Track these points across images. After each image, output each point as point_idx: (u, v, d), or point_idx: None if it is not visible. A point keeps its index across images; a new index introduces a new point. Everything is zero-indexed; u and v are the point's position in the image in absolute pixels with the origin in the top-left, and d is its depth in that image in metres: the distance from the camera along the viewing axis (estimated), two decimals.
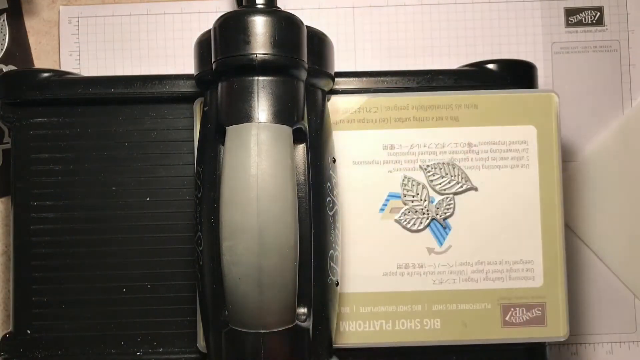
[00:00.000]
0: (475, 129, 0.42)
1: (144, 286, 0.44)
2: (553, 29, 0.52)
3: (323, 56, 0.40)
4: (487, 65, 0.45)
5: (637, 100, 0.51)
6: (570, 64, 0.51)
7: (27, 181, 0.44)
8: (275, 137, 0.35)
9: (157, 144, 0.44)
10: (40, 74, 0.44)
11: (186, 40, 0.52)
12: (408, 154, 0.42)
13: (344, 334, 0.42)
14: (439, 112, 0.43)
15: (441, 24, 0.52)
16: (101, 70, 0.52)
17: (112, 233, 0.44)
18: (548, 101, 0.43)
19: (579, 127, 0.51)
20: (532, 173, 0.42)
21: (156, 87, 0.44)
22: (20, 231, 0.44)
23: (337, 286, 0.40)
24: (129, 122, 0.44)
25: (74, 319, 0.44)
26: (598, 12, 0.52)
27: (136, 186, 0.44)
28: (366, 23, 0.52)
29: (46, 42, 0.52)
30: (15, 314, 0.44)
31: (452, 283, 0.42)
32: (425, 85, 0.44)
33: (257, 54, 0.36)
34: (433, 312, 0.42)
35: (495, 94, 0.43)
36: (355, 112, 0.43)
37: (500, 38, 0.51)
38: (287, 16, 0.38)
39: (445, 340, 0.42)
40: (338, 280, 0.40)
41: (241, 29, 0.37)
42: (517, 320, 0.42)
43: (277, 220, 0.34)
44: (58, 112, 0.44)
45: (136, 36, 0.52)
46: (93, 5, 0.52)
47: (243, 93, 0.36)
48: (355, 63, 0.52)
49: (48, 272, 0.44)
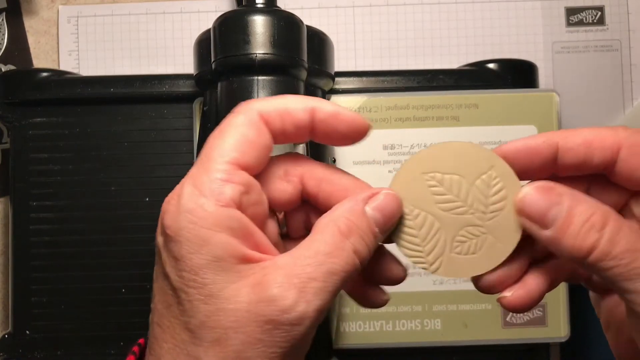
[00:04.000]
0: (475, 129, 0.42)
1: (143, 286, 0.43)
2: (554, 29, 0.51)
3: (323, 56, 0.40)
4: (487, 65, 0.45)
5: (637, 99, 0.51)
6: (571, 64, 0.51)
7: (26, 181, 0.44)
8: None
9: (157, 144, 0.44)
10: (39, 74, 0.44)
11: (186, 40, 0.51)
12: (408, 154, 0.42)
13: (344, 334, 0.42)
14: (439, 111, 0.42)
15: (441, 24, 0.52)
16: (100, 69, 0.51)
17: (112, 233, 0.43)
18: (549, 101, 0.42)
19: (579, 126, 0.51)
20: None
21: (155, 86, 0.44)
22: (19, 231, 0.44)
23: None
24: (128, 122, 0.44)
25: (73, 319, 0.43)
26: (599, 11, 0.51)
27: (135, 186, 0.44)
28: (366, 23, 0.52)
29: (45, 41, 0.52)
30: (14, 314, 0.44)
31: (453, 283, 0.42)
32: (426, 85, 0.44)
33: (257, 53, 0.36)
34: (434, 313, 0.42)
35: (496, 94, 0.43)
36: (355, 112, 0.42)
37: (501, 38, 0.51)
38: (287, 16, 0.38)
39: (446, 341, 0.42)
40: None
41: (241, 29, 0.37)
42: (518, 320, 0.42)
43: None
44: (57, 112, 0.44)
45: (135, 36, 0.51)
46: (92, 5, 0.52)
47: (243, 93, 0.36)
48: (355, 63, 0.51)
49: (47, 272, 0.43)
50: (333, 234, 0.23)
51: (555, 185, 0.24)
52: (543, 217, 0.24)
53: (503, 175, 0.25)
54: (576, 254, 0.23)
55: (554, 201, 0.24)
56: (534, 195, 0.24)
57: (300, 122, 0.25)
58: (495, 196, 0.25)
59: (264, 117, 0.25)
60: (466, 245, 0.25)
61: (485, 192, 0.25)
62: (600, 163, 0.24)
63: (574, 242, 0.23)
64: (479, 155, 0.25)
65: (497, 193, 0.25)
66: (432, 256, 0.25)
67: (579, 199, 0.23)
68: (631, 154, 0.24)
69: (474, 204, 0.25)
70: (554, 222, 0.23)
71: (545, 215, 0.23)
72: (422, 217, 0.25)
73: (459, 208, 0.25)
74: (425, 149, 0.25)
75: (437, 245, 0.25)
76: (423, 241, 0.25)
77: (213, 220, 0.23)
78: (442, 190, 0.25)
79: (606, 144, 0.24)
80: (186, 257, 0.23)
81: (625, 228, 0.23)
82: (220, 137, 0.24)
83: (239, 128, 0.24)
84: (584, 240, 0.23)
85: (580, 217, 0.23)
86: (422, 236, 0.25)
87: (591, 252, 0.23)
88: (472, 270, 0.25)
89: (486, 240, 0.25)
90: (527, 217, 0.24)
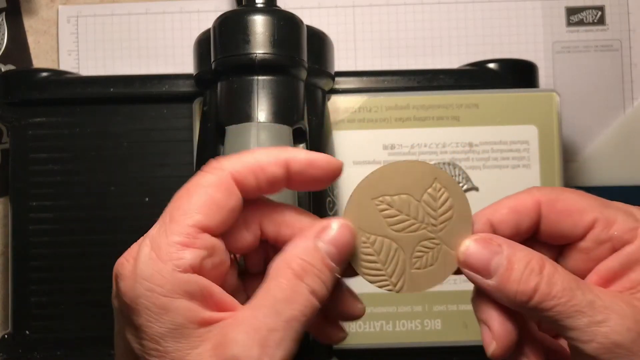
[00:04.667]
0: (476, 129, 0.42)
1: None
2: (554, 29, 0.51)
3: (323, 56, 0.40)
4: (488, 65, 0.45)
5: (638, 100, 0.51)
6: (572, 64, 0.51)
7: (26, 181, 0.44)
8: (275, 136, 0.35)
9: (157, 144, 0.44)
10: (39, 74, 0.44)
11: (185, 40, 0.51)
12: (408, 153, 0.42)
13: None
14: (439, 111, 0.42)
15: (442, 24, 0.52)
16: (100, 69, 0.51)
17: (111, 233, 0.43)
18: (549, 101, 0.42)
19: (580, 126, 0.51)
20: (533, 173, 0.42)
21: (155, 86, 0.44)
22: (18, 231, 0.44)
23: None
24: (128, 121, 0.44)
25: (73, 319, 0.43)
26: (599, 11, 0.51)
27: (135, 186, 0.44)
28: (366, 22, 0.52)
29: (45, 41, 0.52)
30: (14, 314, 0.44)
31: (453, 283, 0.42)
32: (426, 85, 0.44)
33: (257, 53, 0.36)
34: (434, 313, 0.42)
35: (496, 94, 0.43)
36: (355, 112, 0.42)
37: (501, 37, 0.51)
38: (287, 15, 0.37)
39: (446, 341, 0.42)
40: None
41: (241, 28, 0.36)
42: None
43: None
44: (57, 112, 0.44)
45: (135, 35, 0.51)
46: (92, 5, 0.52)
47: (243, 93, 0.36)
48: (355, 63, 0.51)
49: (47, 272, 0.43)
50: (288, 277, 0.23)
51: (492, 236, 0.25)
52: (486, 266, 0.25)
53: (447, 185, 0.26)
54: (520, 297, 0.24)
55: (494, 251, 0.25)
56: (475, 247, 0.25)
57: (275, 177, 0.25)
58: (443, 207, 0.26)
59: (235, 177, 0.24)
60: (424, 259, 0.26)
61: (432, 205, 0.26)
62: (529, 227, 0.26)
63: (517, 287, 0.24)
64: (422, 170, 0.26)
65: (444, 203, 0.26)
66: (394, 277, 0.26)
67: (515, 246, 0.25)
68: (550, 211, 0.26)
69: (424, 218, 0.26)
70: (497, 271, 0.24)
71: (488, 265, 0.24)
72: (379, 242, 0.26)
73: (411, 226, 0.26)
74: (371, 174, 0.26)
75: (397, 266, 0.26)
76: (384, 265, 0.26)
77: (171, 286, 0.22)
78: (393, 212, 0.26)
79: (528, 205, 0.26)
80: (145, 326, 0.22)
81: (559, 270, 0.24)
82: (187, 197, 0.24)
83: (207, 189, 0.24)
84: (526, 285, 0.24)
85: (520, 263, 0.24)
86: (382, 260, 0.26)
87: (533, 294, 0.24)
88: (433, 281, 0.26)
89: (441, 250, 0.26)
90: (471, 269, 0.25)
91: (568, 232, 0.26)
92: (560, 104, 0.43)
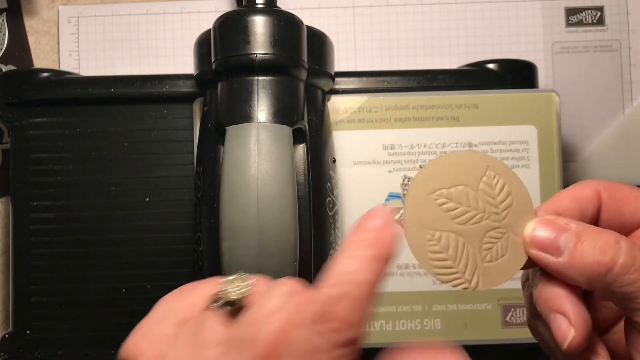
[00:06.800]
0: (475, 129, 0.42)
1: (143, 286, 0.43)
2: (553, 29, 0.51)
3: (323, 56, 0.40)
4: (487, 65, 0.45)
5: (637, 100, 0.51)
6: (571, 64, 0.51)
7: (27, 181, 0.44)
8: (275, 137, 0.35)
9: (157, 144, 0.44)
10: (40, 74, 0.44)
11: (186, 40, 0.51)
12: (408, 154, 0.42)
13: None
14: (439, 112, 0.42)
15: (441, 24, 0.52)
16: (100, 70, 0.51)
17: (112, 233, 0.43)
18: (548, 101, 0.42)
19: (579, 126, 0.51)
20: (532, 173, 0.42)
21: (156, 87, 0.44)
22: (19, 231, 0.44)
23: None
24: (129, 122, 0.44)
25: (74, 319, 0.43)
26: (598, 11, 0.51)
27: (136, 186, 0.44)
28: (366, 23, 0.52)
29: (45, 41, 0.52)
30: (15, 314, 0.44)
31: None
32: (426, 85, 0.44)
33: (257, 53, 0.36)
34: (433, 313, 0.42)
35: (495, 94, 0.43)
36: (355, 112, 0.43)
37: (501, 38, 0.51)
38: (287, 16, 0.38)
39: (446, 341, 0.42)
40: None
41: (241, 29, 0.37)
42: (518, 320, 0.42)
43: (277, 221, 0.34)
44: (57, 112, 0.44)
45: (136, 36, 0.51)
46: (92, 5, 0.52)
47: (243, 93, 0.36)
48: (355, 63, 0.51)
49: (47, 272, 0.43)
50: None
51: (557, 217, 0.25)
52: (554, 243, 0.24)
53: (500, 172, 0.25)
54: (596, 270, 0.23)
55: (562, 227, 0.24)
56: (541, 227, 0.24)
57: None
58: (501, 194, 0.25)
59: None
60: (494, 251, 0.25)
61: (491, 194, 0.25)
62: (593, 214, 0.25)
63: (593, 258, 0.23)
64: (472, 159, 0.25)
65: (502, 190, 0.25)
66: (468, 273, 0.25)
67: (583, 224, 0.24)
68: (611, 198, 0.25)
69: (485, 207, 0.25)
70: (567, 246, 0.24)
71: (557, 242, 0.24)
72: (445, 238, 0.25)
73: (474, 217, 0.25)
74: (421, 170, 0.25)
75: (469, 261, 0.25)
76: (454, 262, 0.25)
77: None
78: (453, 205, 0.25)
79: (588, 194, 0.26)
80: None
81: (637, 246, 0.23)
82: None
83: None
84: (603, 255, 0.23)
85: (591, 238, 0.23)
86: (452, 257, 0.25)
87: (612, 265, 0.23)
88: (507, 274, 0.25)
89: (509, 239, 0.25)
90: (538, 248, 0.24)
91: (630, 218, 0.25)
92: (560, 104, 0.43)
